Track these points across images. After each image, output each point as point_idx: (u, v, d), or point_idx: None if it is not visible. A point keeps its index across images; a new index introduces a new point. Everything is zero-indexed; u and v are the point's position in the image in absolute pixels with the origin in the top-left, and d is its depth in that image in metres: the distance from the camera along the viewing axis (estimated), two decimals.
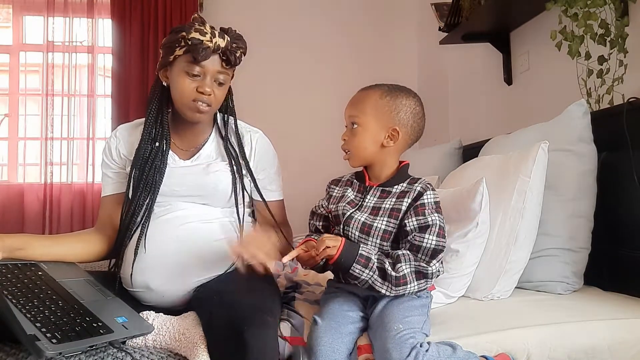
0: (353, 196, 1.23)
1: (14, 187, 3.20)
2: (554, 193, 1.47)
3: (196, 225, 1.25)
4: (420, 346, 1.00)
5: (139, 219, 1.26)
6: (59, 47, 3.24)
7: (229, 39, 1.23)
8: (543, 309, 1.31)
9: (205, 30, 1.21)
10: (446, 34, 2.67)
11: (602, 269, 1.51)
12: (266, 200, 1.37)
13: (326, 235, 1.12)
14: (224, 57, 1.23)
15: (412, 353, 0.98)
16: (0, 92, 3.38)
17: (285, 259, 1.10)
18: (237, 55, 1.26)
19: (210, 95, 1.24)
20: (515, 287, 1.44)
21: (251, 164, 1.35)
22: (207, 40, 1.20)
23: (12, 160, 3.33)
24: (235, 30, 1.27)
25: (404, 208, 1.14)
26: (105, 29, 3.28)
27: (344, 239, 1.11)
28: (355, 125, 1.18)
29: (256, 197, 1.37)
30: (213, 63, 1.23)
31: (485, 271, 1.42)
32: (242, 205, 1.33)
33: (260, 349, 0.95)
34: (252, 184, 1.36)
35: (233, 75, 1.34)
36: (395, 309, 1.09)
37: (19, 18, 3.35)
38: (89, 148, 3.23)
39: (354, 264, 1.08)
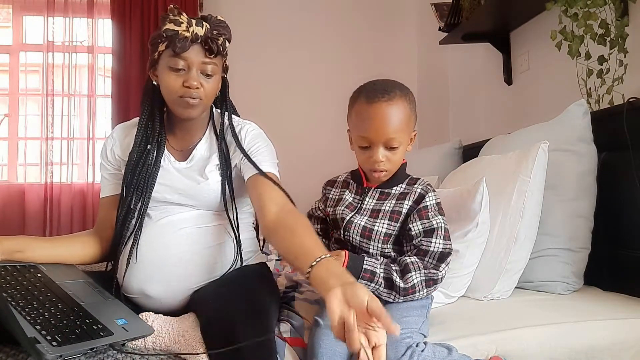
0: (351, 199, 1.21)
1: (15, 187, 3.21)
2: (554, 193, 1.47)
3: (192, 230, 1.23)
4: (417, 346, 1.00)
5: (132, 225, 1.23)
6: (59, 47, 3.24)
7: (208, 26, 1.18)
8: (543, 309, 1.31)
9: (180, 20, 1.15)
10: (446, 34, 2.67)
11: (602, 269, 1.51)
12: (254, 173, 1.21)
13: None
14: (206, 46, 1.18)
15: (407, 352, 0.98)
16: (0, 92, 3.38)
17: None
18: (220, 42, 1.19)
19: (198, 88, 1.19)
20: (515, 287, 1.44)
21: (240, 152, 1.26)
22: (184, 30, 1.15)
23: (12, 160, 3.33)
24: (216, 17, 1.22)
25: (404, 210, 1.14)
26: (105, 29, 3.29)
27: (347, 254, 1.09)
28: (396, 146, 1.11)
29: (248, 172, 1.23)
30: (196, 54, 1.18)
31: (485, 271, 1.42)
32: (233, 209, 1.27)
33: (255, 351, 0.94)
34: (243, 165, 1.25)
35: (226, 66, 1.30)
36: (394, 309, 1.09)
37: (19, 18, 3.35)
38: (89, 148, 3.23)
39: (359, 280, 1.07)
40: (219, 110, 1.35)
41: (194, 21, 1.17)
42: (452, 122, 3.28)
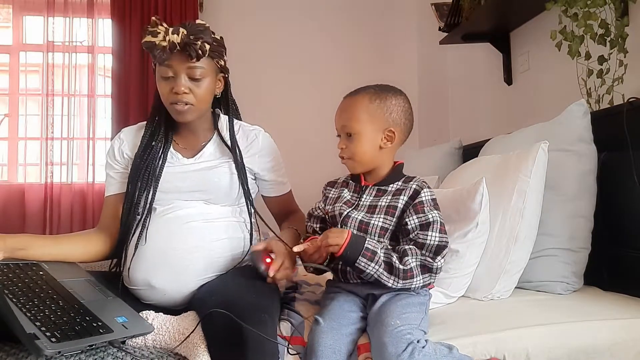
0: (349, 196, 1.24)
1: (15, 187, 3.21)
2: (554, 193, 1.47)
3: (199, 224, 1.25)
4: (417, 342, 1.00)
5: (139, 216, 1.26)
6: (59, 47, 3.24)
7: (184, 32, 1.21)
8: (543, 309, 1.31)
9: (157, 31, 1.20)
10: (446, 34, 2.67)
11: (602, 269, 1.51)
12: (280, 193, 1.44)
13: (332, 230, 1.13)
14: (186, 52, 1.21)
15: (408, 348, 0.98)
16: (0, 92, 3.38)
17: (296, 249, 1.12)
18: (198, 46, 1.22)
19: (186, 93, 1.23)
20: (515, 287, 1.44)
21: (259, 162, 1.37)
22: (161, 40, 1.19)
23: (12, 160, 3.33)
24: (195, 22, 1.26)
25: (400, 205, 1.16)
26: (105, 29, 3.29)
27: (350, 231, 1.11)
28: (351, 134, 1.19)
29: (267, 193, 1.43)
30: (179, 61, 1.22)
31: (485, 271, 1.42)
32: (250, 201, 1.34)
33: (258, 348, 0.95)
34: (259, 182, 1.41)
35: (222, 66, 1.32)
36: (393, 306, 1.09)
37: (19, 18, 3.35)
38: (89, 148, 3.23)
39: (360, 257, 1.08)
40: (224, 114, 1.40)
41: (170, 30, 1.21)
42: (452, 122, 3.28)
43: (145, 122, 1.38)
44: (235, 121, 1.40)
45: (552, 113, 1.62)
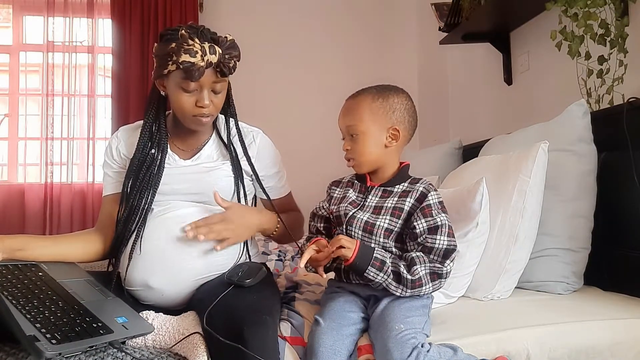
0: (355, 197, 1.23)
1: (15, 187, 3.21)
2: (554, 193, 1.47)
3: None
4: (422, 347, 1.00)
5: (136, 220, 1.25)
6: (59, 47, 3.25)
7: (220, 51, 1.19)
8: (543, 309, 1.31)
9: (195, 50, 1.15)
10: (446, 34, 2.68)
11: (602, 269, 1.51)
12: (277, 196, 1.41)
13: (342, 235, 1.12)
14: (217, 69, 1.20)
15: (413, 353, 0.98)
16: (0, 92, 3.38)
17: (306, 254, 1.11)
18: (231, 65, 1.22)
19: (209, 106, 1.23)
20: (515, 287, 1.44)
21: (256, 165, 1.35)
22: (199, 61, 1.16)
23: (12, 160, 3.33)
24: (226, 37, 1.23)
25: (406, 207, 1.15)
26: (105, 29, 3.30)
27: (359, 241, 1.11)
28: (355, 135, 1.18)
29: (262, 195, 1.39)
30: (208, 76, 1.20)
31: (486, 271, 1.42)
32: (245, 204, 1.33)
33: (259, 349, 0.95)
34: (255, 184, 1.37)
35: None
36: (396, 309, 1.09)
37: (19, 18, 3.35)
38: (89, 148, 3.24)
39: (369, 267, 1.08)
40: (222, 115, 1.38)
41: (207, 48, 1.17)
42: (452, 122, 3.29)
43: (141, 121, 1.35)
44: (232, 122, 1.38)
45: (552, 113, 1.62)
